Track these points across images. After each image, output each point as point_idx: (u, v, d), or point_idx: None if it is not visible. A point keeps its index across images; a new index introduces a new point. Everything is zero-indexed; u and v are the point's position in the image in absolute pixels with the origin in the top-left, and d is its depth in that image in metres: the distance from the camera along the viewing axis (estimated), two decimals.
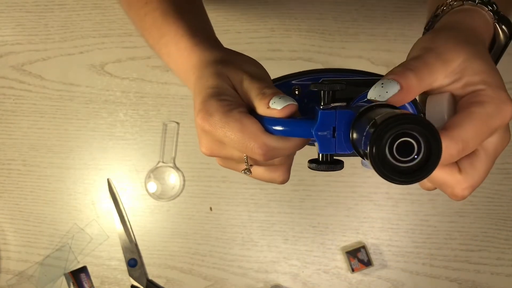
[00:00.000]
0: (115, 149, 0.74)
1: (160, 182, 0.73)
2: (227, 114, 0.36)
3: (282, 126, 0.34)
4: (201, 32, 0.45)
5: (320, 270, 0.72)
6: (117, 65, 0.74)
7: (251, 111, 0.37)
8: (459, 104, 0.36)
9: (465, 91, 0.36)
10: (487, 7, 0.43)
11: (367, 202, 0.72)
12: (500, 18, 0.43)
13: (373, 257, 0.71)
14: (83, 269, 0.73)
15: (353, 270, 0.70)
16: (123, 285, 0.73)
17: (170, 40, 0.45)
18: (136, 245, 0.73)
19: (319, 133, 0.33)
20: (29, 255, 0.74)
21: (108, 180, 0.74)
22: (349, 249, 0.70)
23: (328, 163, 0.36)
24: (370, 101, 0.34)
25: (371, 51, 0.72)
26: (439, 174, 0.36)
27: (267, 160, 0.36)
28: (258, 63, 0.41)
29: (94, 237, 0.73)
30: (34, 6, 0.76)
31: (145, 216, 0.73)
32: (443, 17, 0.45)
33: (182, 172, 0.73)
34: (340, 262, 0.71)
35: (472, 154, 0.36)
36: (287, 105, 0.35)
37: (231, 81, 0.39)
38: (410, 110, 0.36)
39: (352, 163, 0.72)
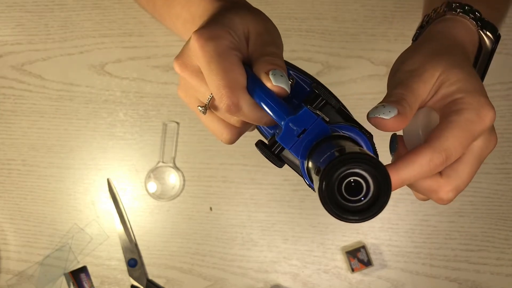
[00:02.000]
0: (115, 149, 0.74)
1: (160, 182, 0.73)
2: (225, 50, 0.35)
3: (265, 96, 0.34)
4: None
5: (320, 270, 0.72)
6: (117, 65, 0.74)
7: (244, 64, 0.36)
8: (440, 116, 0.37)
9: (444, 102, 0.37)
10: (469, 15, 0.43)
11: None
12: (484, 25, 0.44)
13: (373, 257, 0.71)
14: (83, 269, 0.73)
15: (353, 270, 0.70)
16: (123, 285, 0.73)
17: None
18: (136, 245, 0.73)
19: (290, 124, 0.33)
20: (29, 255, 0.74)
21: (108, 180, 0.74)
22: (349, 249, 0.70)
23: (273, 153, 0.36)
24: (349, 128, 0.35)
25: (371, 51, 0.72)
26: (423, 182, 0.37)
27: (228, 113, 0.35)
28: (279, 34, 0.40)
29: (94, 237, 0.73)
30: (34, 6, 0.76)
31: (145, 216, 0.73)
32: (427, 28, 0.46)
33: (182, 172, 0.73)
34: (340, 262, 0.72)
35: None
36: (282, 86, 0.34)
37: (249, 27, 0.38)
38: (364, 146, 0.36)
39: None
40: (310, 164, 0.32)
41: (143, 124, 0.74)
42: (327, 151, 0.29)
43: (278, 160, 0.36)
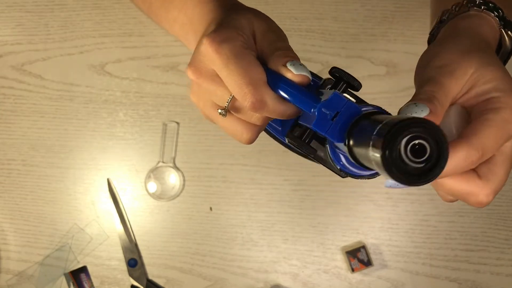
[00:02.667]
0: (115, 149, 0.74)
1: (160, 182, 0.73)
2: (241, 49, 0.35)
3: (290, 88, 0.35)
4: None
5: (320, 270, 0.72)
6: (117, 65, 0.74)
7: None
8: (472, 113, 0.37)
9: (478, 100, 0.37)
10: (493, 13, 0.43)
11: (367, 202, 0.72)
12: (506, 24, 0.43)
13: (373, 257, 0.71)
14: (83, 269, 0.73)
15: (353, 270, 0.70)
16: (123, 285, 0.73)
17: None
18: (136, 245, 0.73)
19: (323, 109, 0.33)
20: (29, 255, 0.74)
21: (108, 180, 0.74)
22: (349, 249, 0.70)
23: (306, 143, 0.36)
24: (377, 107, 0.35)
25: (371, 51, 0.72)
26: (461, 185, 0.36)
27: (253, 111, 0.35)
28: (282, 30, 0.40)
29: (94, 237, 0.73)
30: (34, 6, 0.76)
31: (145, 216, 0.73)
32: (448, 23, 0.45)
33: (182, 172, 0.73)
34: (340, 262, 0.71)
35: (489, 160, 0.36)
36: (304, 74, 0.35)
37: (254, 27, 0.38)
38: None
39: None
40: (355, 142, 0.32)
41: (143, 124, 0.74)
42: (375, 125, 0.29)
43: (310, 148, 0.36)
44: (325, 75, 0.74)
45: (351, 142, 0.32)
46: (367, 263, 0.70)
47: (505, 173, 0.37)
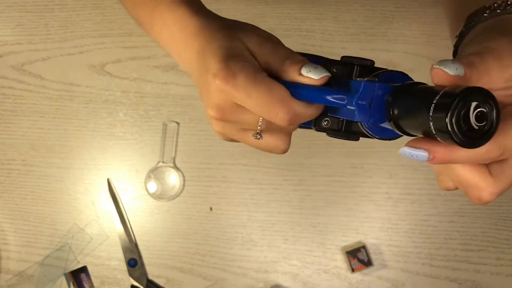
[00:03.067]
0: (115, 149, 0.74)
1: (160, 182, 0.73)
2: (254, 75, 0.35)
3: (318, 93, 0.36)
4: (198, 2, 0.44)
5: (320, 270, 0.72)
6: (117, 65, 0.74)
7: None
8: (504, 111, 0.35)
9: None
10: None
11: (367, 202, 0.72)
12: None
13: (373, 257, 0.71)
14: (83, 269, 0.73)
15: (353, 270, 0.70)
16: (123, 285, 0.73)
17: (165, 9, 0.42)
18: (136, 245, 0.73)
19: (359, 102, 0.35)
20: (29, 255, 0.74)
21: (108, 180, 0.74)
22: (349, 249, 0.70)
23: (348, 132, 0.39)
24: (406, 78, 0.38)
25: (371, 51, 0.72)
26: (471, 175, 0.36)
27: (290, 125, 0.36)
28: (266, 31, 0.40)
29: (94, 237, 0.73)
30: (34, 6, 0.76)
31: (145, 216, 0.73)
32: (488, 21, 0.43)
33: (182, 172, 0.73)
34: (340, 262, 0.72)
35: (504, 160, 0.35)
36: (323, 76, 0.35)
37: (246, 44, 0.38)
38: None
39: (352, 162, 0.72)
40: (405, 116, 0.34)
41: (143, 124, 0.74)
42: (429, 96, 0.31)
43: (352, 134, 0.39)
44: None
45: (397, 117, 0.34)
46: (367, 263, 0.70)
47: None
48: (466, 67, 0.33)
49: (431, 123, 0.30)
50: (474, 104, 0.30)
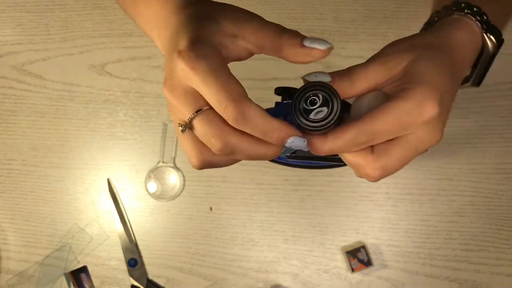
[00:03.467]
0: (115, 149, 0.74)
1: (160, 182, 0.73)
2: (217, 64, 0.34)
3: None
4: None
5: (320, 270, 0.72)
6: (117, 65, 0.75)
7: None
8: (382, 103, 0.38)
9: (398, 88, 0.37)
10: (475, 17, 0.44)
11: (367, 202, 0.72)
12: (489, 28, 0.44)
13: (373, 257, 0.71)
14: (83, 269, 0.73)
15: (353, 270, 0.70)
16: (123, 285, 0.73)
17: None
18: (136, 245, 0.73)
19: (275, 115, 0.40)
20: (29, 255, 0.74)
21: (108, 180, 0.74)
22: (349, 249, 0.70)
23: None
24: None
25: (371, 51, 0.72)
26: (352, 156, 0.39)
27: (235, 124, 0.34)
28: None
29: (94, 237, 0.73)
30: (34, 6, 0.76)
31: (145, 216, 0.73)
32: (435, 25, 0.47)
33: (182, 172, 0.73)
34: (340, 262, 0.72)
35: (390, 140, 0.38)
36: (329, 46, 0.36)
37: (227, 28, 0.37)
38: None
39: None
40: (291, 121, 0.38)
41: (143, 124, 0.74)
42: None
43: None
44: None
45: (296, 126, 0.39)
46: (367, 263, 0.70)
47: (400, 158, 0.38)
48: (336, 74, 0.38)
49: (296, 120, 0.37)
50: (308, 94, 0.36)
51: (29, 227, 0.74)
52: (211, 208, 0.73)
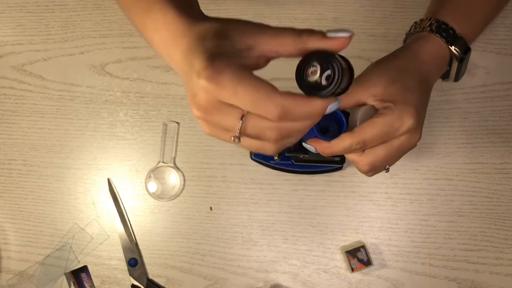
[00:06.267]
0: (115, 149, 0.74)
1: (160, 182, 0.74)
2: (240, 72, 0.34)
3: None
4: (187, 4, 0.44)
5: (320, 269, 0.72)
6: (118, 65, 0.75)
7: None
8: (372, 117, 0.49)
9: (382, 106, 0.49)
10: (441, 34, 0.53)
11: (366, 202, 0.72)
12: (454, 40, 0.53)
13: (372, 256, 0.71)
14: (84, 269, 0.73)
15: (352, 270, 0.70)
16: (123, 285, 0.73)
17: (156, 12, 0.43)
18: (136, 244, 0.73)
19: None
20: (29, 254, 0.74)
21: (108, 180, 0.74)
22: (349, 249, 0.71)
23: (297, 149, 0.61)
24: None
25: (371, 51, 0.72)
26: (350, 154, 0.51)
27: (281, 121, 0.35)
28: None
29: (94, 237, 0.73)
30: (34, 7, 0.76)
31: (145, 216, 0.74)
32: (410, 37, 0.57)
33: (182, 172, 0.73)
34: (340, 261, 0.72)
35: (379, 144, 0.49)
36: (352, 33, 0.38)
37: (237, 41, 0.37)
38: (344, 119, 0.51)
39: None
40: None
41: (144, 124, 0.74)
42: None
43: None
44: None
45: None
46: (367, 262, 0.70)
47: (384, 155, 0.49)
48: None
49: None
50: (312, 63, 0.38)
51: (29, 227, 0.74)
52: (211, 208, 0.73)
